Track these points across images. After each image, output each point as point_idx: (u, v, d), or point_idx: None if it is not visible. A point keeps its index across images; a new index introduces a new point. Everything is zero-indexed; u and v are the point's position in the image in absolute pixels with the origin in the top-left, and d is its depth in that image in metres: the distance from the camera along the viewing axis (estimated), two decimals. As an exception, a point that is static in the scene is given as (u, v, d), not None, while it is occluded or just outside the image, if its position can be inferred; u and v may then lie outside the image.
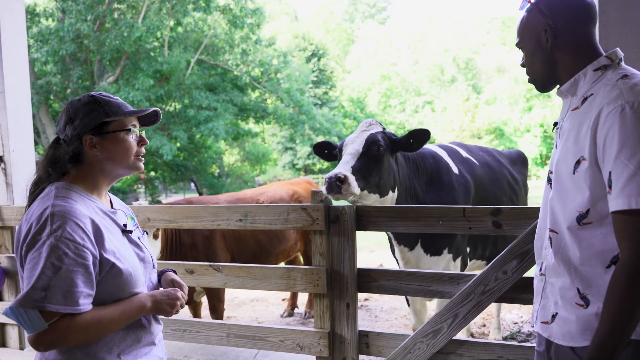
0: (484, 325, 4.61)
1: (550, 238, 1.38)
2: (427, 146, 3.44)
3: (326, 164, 39.96)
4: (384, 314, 5.05)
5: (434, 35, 48.89)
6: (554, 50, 1.36)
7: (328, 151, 3.00)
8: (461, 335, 3.86)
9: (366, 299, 5.55)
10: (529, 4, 1.41)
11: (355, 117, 40.19)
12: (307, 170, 39.99)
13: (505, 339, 4.20)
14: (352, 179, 2.51)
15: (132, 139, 1.39)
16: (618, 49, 1.37)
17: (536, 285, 1.48)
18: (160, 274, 1.55)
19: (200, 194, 21.93)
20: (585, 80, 1.34)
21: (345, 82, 45.17)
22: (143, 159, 1.44)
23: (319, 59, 40.81)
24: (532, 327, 4.33)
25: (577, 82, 1.35)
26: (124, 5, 16.26)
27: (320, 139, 33.84)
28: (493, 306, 4.60)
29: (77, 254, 1.19)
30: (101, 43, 15.45)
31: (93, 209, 1.32)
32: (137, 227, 1.49)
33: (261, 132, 28.32)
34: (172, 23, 17.05)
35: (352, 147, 2.72)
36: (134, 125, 1.41)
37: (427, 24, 52.74)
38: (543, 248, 1.45)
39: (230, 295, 5.94)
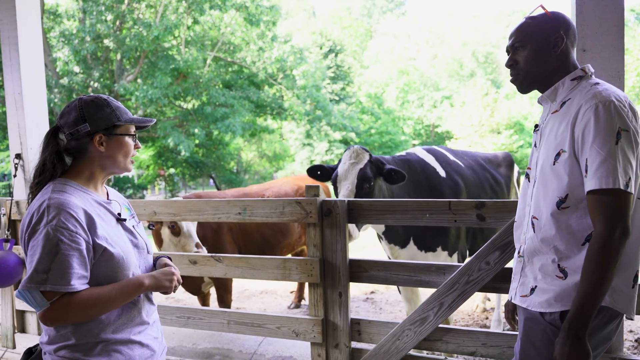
0: (487, 318, 4.68)
1: (532, 224, 1.57)
2: (414, 151, 3.57)
3: (344, 160, 39.93)
4: (388, 306, 5.17)
5: (453, 29, 48.40)
6: (560, 55, 1.56)
7: (321, 173, 3.30)
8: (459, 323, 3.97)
9: (372, 292, 5.67)
10: (542, 11, 1.58)
11: (372, 112, 40.12)
12: (325, 166, 40.03)
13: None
14: (352, 227, 2.84)
15: (131, 142, 1.56)
16: (589, 65, 1.60)
17: (515, 266, 1.69)
18: (155, 260, 1.70)
19: (219, 189, 22.24)
20: (564, 88, 1.56)
21: (363, 77, 45.04)
22: (134, 161, 1.61)
23: (336, 55, 40.80)
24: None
25: (557, 90, 1.57)
26: (142, 5, 16.58)
27: (337, 135, 33.94)
28: (494, 299, 4.68)
29: (71, 240, 1.34)
30: (120, 42, 15.80)
31: (87, 201, 1.46)
32: (133, 216, 1.64)
33: (279, 128, 28.52)
34: (189, 22, 17.32)
35: (346, 188, 3.03)
36: (135, 132, 1.58)
37: (445, 17, 52.22)
38: (522, 234, 1.66)
39: (241, 287, 6.12)
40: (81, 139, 1.48)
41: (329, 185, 3.54)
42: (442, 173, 3.43)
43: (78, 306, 1.36)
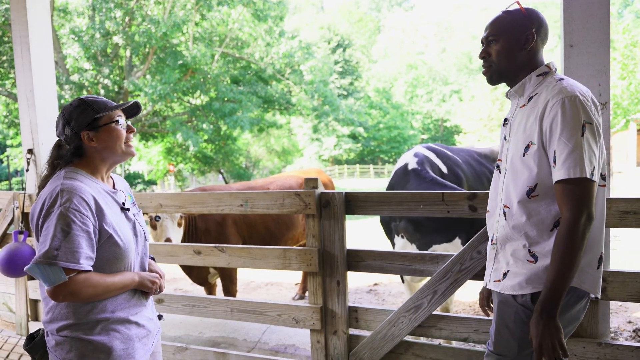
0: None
1: (504, 213, 1.66)
2: (417, 150, 3.65)
3: (352, 155, 40.15)
4: (391, 297, 5.26)
5: (462, 22, 48.05)
6: (529, 52, 1.64)
7: None
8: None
9: (375, 284, 5.77)
10: (517, 7, 1.66)
11: (381, 107, 40.09)
12: (334, 160, 40.21)
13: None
14: None
15: (121, 128, 1.65)
16: (553, 61, 1.68)
17: (489, 253, 1.79)
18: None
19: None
20: (531, 84, 1.65)
21: (371, 72, 44.99)
22: (133, 144, 1.70)
23: (344, 50, 40.77)
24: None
25: (524, 85, 1.66)
26: (150, 2, 16.73)
27: (345, 129, 33.96)
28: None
29: (82, 222, 1.45)
30: (130, 39, 15.97)
31: (96, 189, 1.57)
32: (135, 205, 1.75)
33: (287, 123, 28.62)
34: (197, 18, 17.44)
35: None
36: (120, 116, 1.66)
37: (454, 11, 51.84)
38: (495, 222, 1.75)
39: (247, 279, 6.25)
40: (72, 141, 1.60)
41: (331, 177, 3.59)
42: (445, 169, 3.52)
43: (90, 285, 1.47)
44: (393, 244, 3.62)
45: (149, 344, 1.69)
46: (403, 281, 3.69)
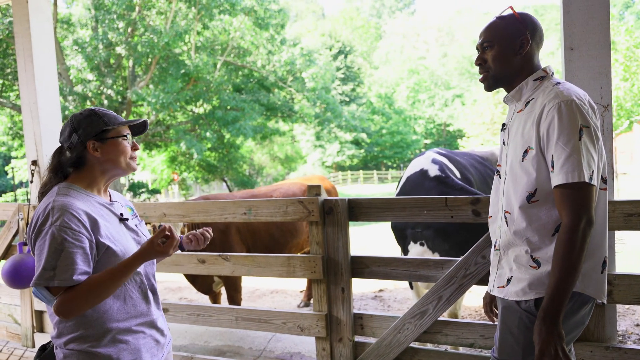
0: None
1: (505, 218, 1.65)
2: (433, 156, 3.58)
3: (355, 161, 40.14)
4: (396, 303, 5.24)
5: (463, 26, 48.15)
6: (524, 57, 1.64)
7: None
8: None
9: (381, 290, 5.74)
10: (511, 12, 1.66)
11: (383, 113, 40.15)
12: (337, 167, 40.22)
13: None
14: None
15: (127, 143, 1.66)
16: (550, 65, 1.67)
17: (492, 259, 1.77)
18: None
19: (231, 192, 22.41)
20: (527, 88, 1.65)
21: (373, 78, 45.07)
22: (136, 160, 1.71)
23: (346, 56, 40.89)
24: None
25: (521, 90, 1.66)
26: (152, 12, 16.85)
27: (348, 136, 34.00)
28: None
29: (74, 239, 1.45)
30: (132, 49, 16.08)
31: (90, 203, 1.57)
32: (136, 216, 1.75)
33: (290, 130, 28.66)
34: (199, 27, 17.55)
35: None
36: (128, 133, 1.67)
37: (455, 15, 51.95)
38: (497, 228, 1.73)
39: (252, 287, 6.24)
40: (77, 149, 1.60)
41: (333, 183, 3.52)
42: (458, 173, 3.51)
43: (84, 294, 1.45)
44: (405, 251, 3.59)
45: (158, 355, 1.67)
46: (412, 287, 3.67)
